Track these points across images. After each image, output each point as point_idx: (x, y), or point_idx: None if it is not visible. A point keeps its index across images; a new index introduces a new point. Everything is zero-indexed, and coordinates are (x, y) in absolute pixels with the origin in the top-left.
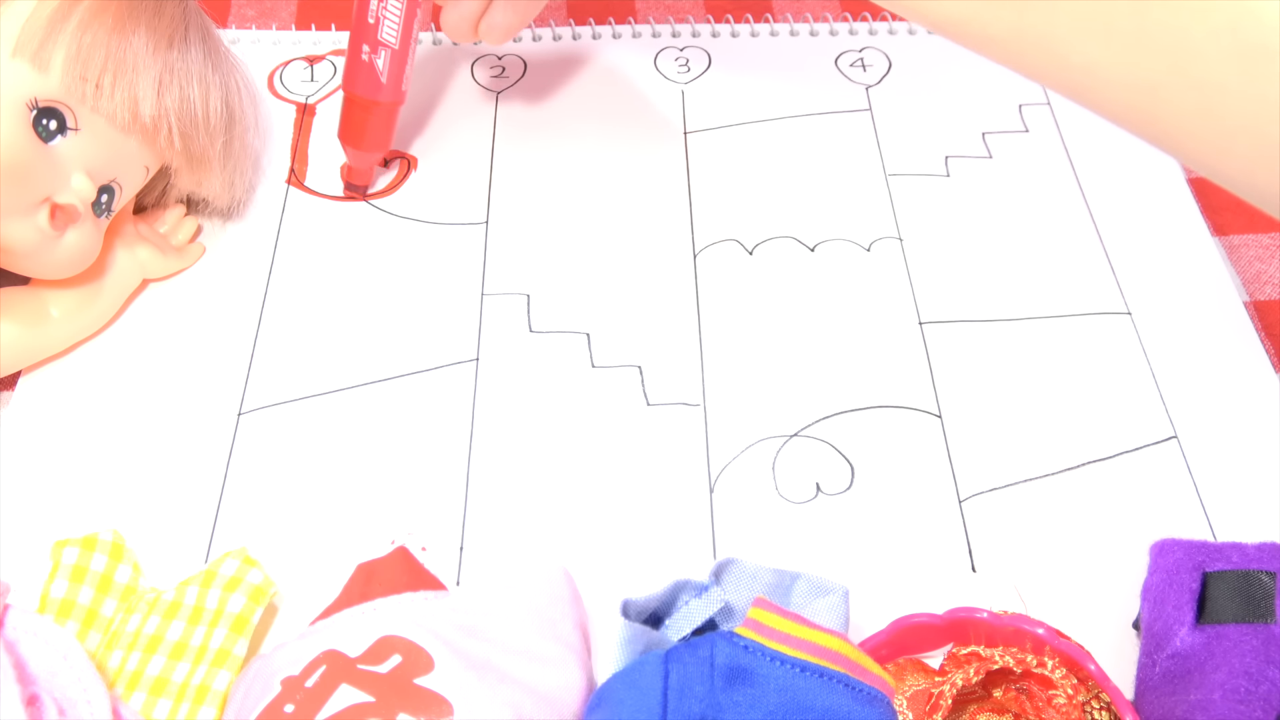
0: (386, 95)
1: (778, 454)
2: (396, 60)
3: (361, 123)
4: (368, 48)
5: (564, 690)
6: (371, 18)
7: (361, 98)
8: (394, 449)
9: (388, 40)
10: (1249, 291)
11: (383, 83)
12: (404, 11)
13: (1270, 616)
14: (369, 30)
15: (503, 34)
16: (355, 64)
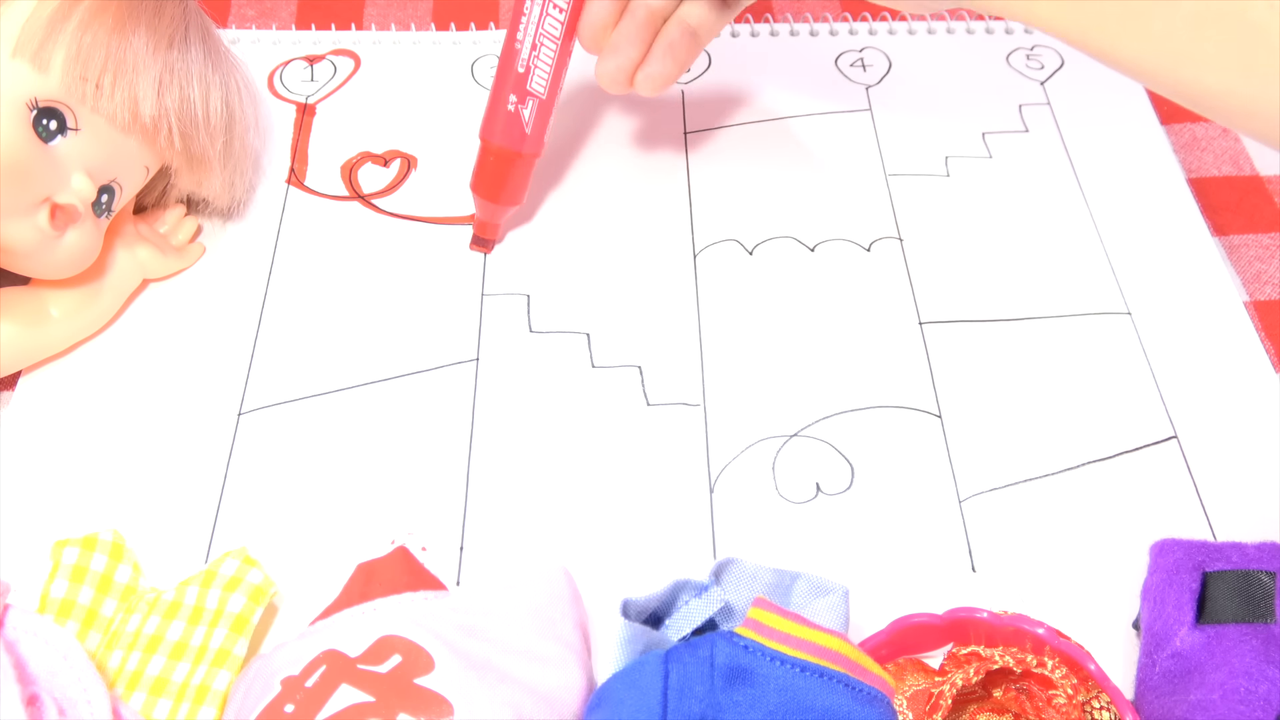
0: (530, 147)
1: (778, 454)
2: (543, 111)
3: (501, 175)
4: (514, 98)
5: (564, 690)
6: (521, 66)
7: (503, 149)
8: (394, 449)
9: (536, 90)
10: (1249, 291)
11: (527, 134)
12: (556, 61)
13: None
14: (517, 79)
15: (662, 85)
16: (498, 113)
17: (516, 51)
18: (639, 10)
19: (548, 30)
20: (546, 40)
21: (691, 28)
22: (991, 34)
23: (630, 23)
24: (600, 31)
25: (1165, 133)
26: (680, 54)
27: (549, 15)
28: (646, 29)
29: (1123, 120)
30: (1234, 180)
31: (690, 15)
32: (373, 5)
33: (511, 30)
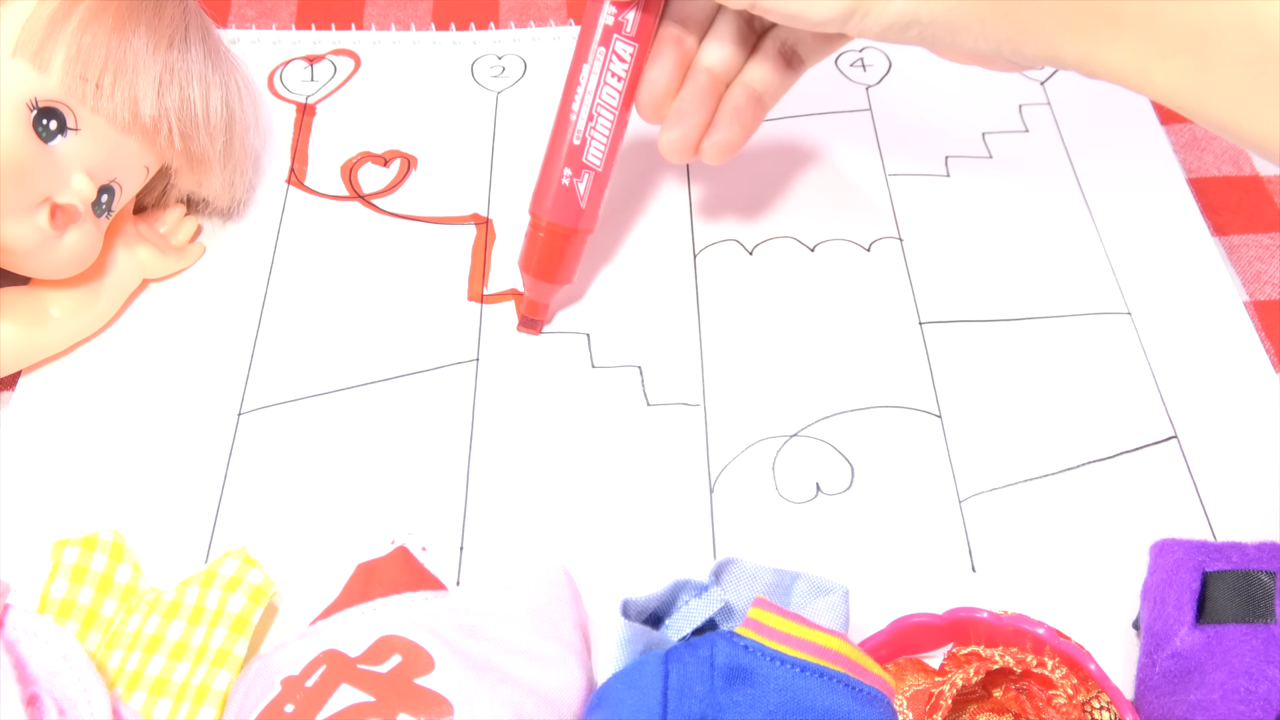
0: (585, 223)
1: (778, 454)
2: (598, 184)
3: (554, 253)
4: (569, 171)
5: (564, 690)
6: (577, 138)
7: (557, 225)
8: (394, 449)
9: (592, 163)
10: (1249, 291)
11: (582, 209)
12: (613, 131)
13: (1270, 616)
14: (572, 151)
15: (730, 153)
16: (550, 188)
17: (571, 122)
18: (701, 76)
19: (605, 100)
20: (603, 110)
21: (757, 92)
22: None
23: (693, 89)
24: (661, 100)
25: (1165, 132)
26: (747, 119)
27: (606, 85)
28: (710, 95)
29: (1123, 120)
30: (1234, 180)
31: (754, 79)
32: (373, 5)
33: (565, 99)
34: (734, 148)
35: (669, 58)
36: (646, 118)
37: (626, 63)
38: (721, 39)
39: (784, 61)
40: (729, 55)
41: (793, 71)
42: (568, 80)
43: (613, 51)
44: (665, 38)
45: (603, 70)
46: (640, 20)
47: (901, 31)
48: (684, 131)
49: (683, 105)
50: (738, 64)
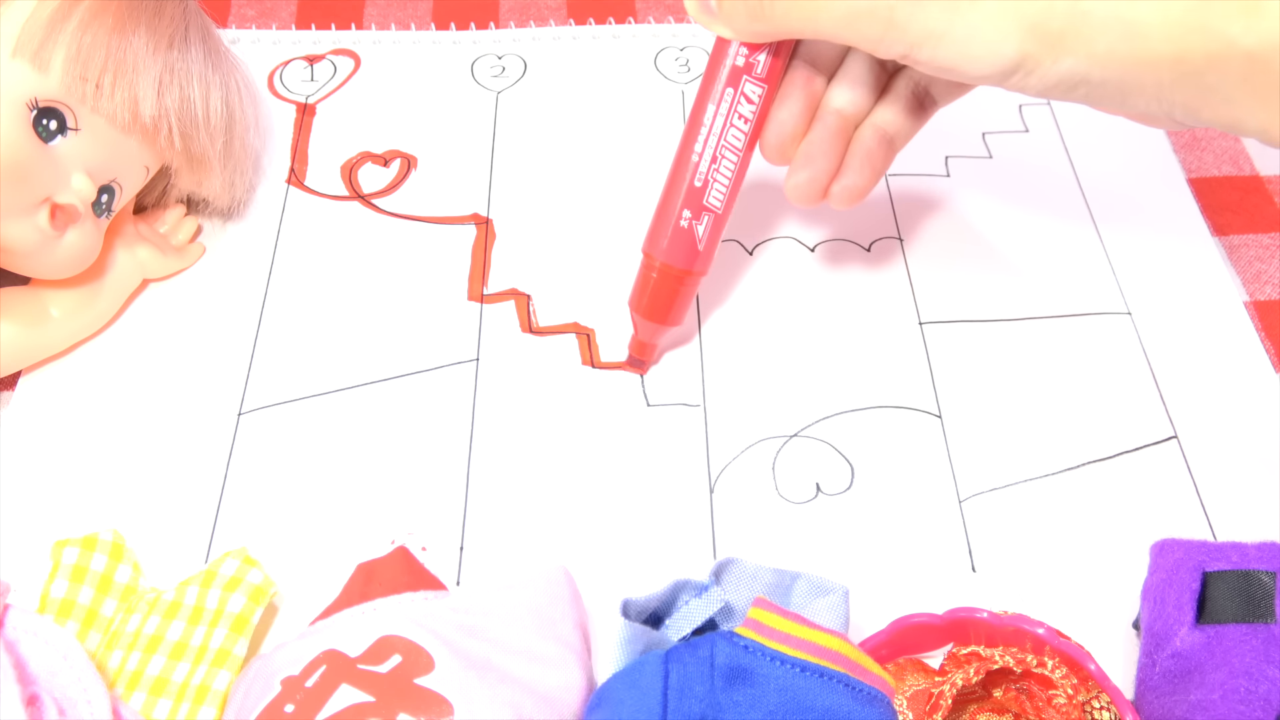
0: (701, 265)
1: (778, 454)
2: (717, 226)
3: (668, 294)
4: (689, 213)
5: (564, 690)
6: (699, 180)
7: (672, 267)
8: (394, 449)
9: (713, 205)
10: (1249, 291)
11: (699, 251)
12: (735, 174)
13: (1270, 616)
14: (692, 193)
15: (858, 198)
16: (666, 229)
17: (694, 164)
18: (830, 118)
19: (729, 142)
20: (728, 152)
21: (888, 135)
22: None
23: (822, 132)
24: (789, 142)
25: (1165, 132)
26: (877, 163)
27: (732, 126)
28: (840, 138)
29: (1123, 120)
30: (1234, 180)
31: (885, 121)
32: (373, 5)
33: (687, 140)
34: (864, 192)
35: (798, 99)
36: (772, 160)
37: (755, 104)
38: (851, 80)
39: (916, 103)
40: (859, 97)
41: (924, 113)
42: (690, 121)
43: (741, 93)
44: (794, 79)
45: (729, 112)
46: (771, 62)
47: (1066, 90)
48: (812, 175)
49: (811, 148)
50: (868, 106)
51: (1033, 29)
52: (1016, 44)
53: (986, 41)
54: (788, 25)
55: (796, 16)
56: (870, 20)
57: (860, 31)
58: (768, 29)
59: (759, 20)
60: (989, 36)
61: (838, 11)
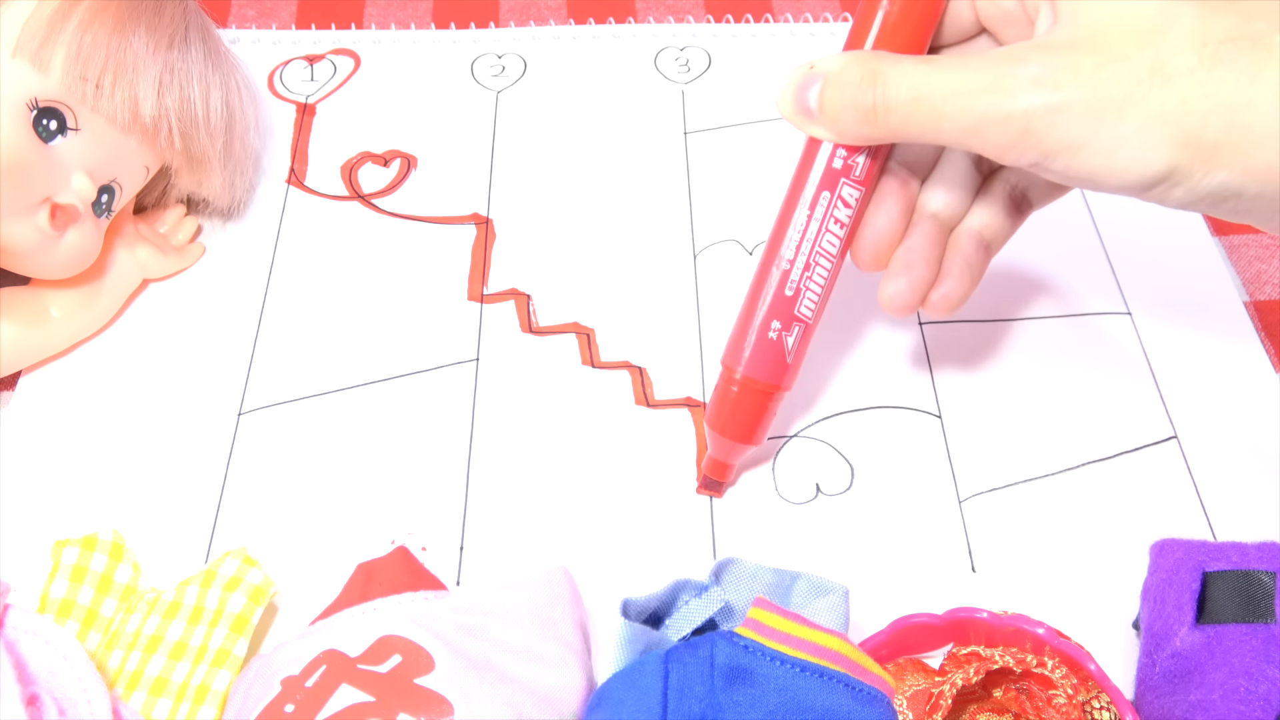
0: (789, 381)
1: (778, 454)
2: (806, 337)
3: (753, 411)
4: (778, 324)
5: (564, 690)
6: (790, 289)
7: (757, 382)
8: (394, 449)
9: (804, 315)
10: (1249, 291)
11: (788, 364)
12: (829, 280)
13: (1270, 616)
14: (782, 303)
15: (956, 306)
16: (749, 339)
17: (785, 271)
18: (926, 223)
19: (824, 248)
20: (822, 259)
21: (985, 239)
22: None
23: (919, 238)
24: (885, 249)
25: None
26: (976, 269)
27: (828, 231)
28: (937, 244)
29: None
30: None
31: (982, 225)
32: (373, 5)
33: (774, 245)
34: (963, 301)
35: (893, 203)
36: (865, 267)
37: (851, 208)
38: (948, 183)
39: (1013, 205)
40: (956, 200)
41: (1021, 215)
42: (777, 225)
43: (838, 196)
44: (889, 182)
45: (825, 216)
46: (870, 165)
47: (1214, 204)
48: (911, 283)
49: (910, 255)
50: (964, 209)
51: (1186, 142)
52: (1166, 156)
53: (1133, 153)
54: (903, 131)
55: (915, 123)
56: (1002, 129)
57: (987, 139)
58: (879, 134)
59: (870, 125)
60: (1136, 148)
61: (964, 119)
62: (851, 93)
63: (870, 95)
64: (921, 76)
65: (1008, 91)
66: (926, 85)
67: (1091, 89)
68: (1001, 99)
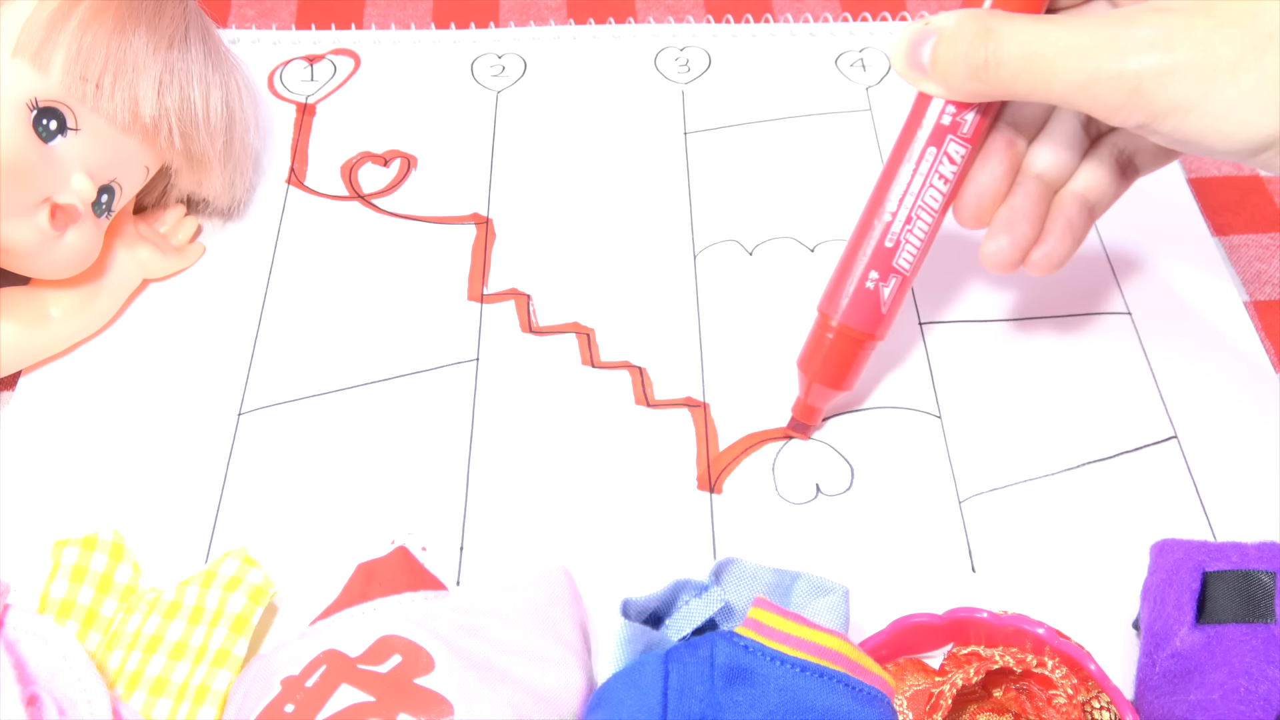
0: (883, 331)
1: (778, 455)
2: (902, 289)
3: (845, 358)
4: (875, 274)
5: (564, 690)
6: (891, 240)
7: (852, 330)
8: (394, 449)
9: (902, 267)
10: (1249, 291)
11: (883, 314)
12: (929, 234)
13: (1270, 616)
14: (881, 254)
15: (1058, 266)
16: (848, 288)
17: (887, 224)
18: (1030, 183)
19: (926, 203)
20: (923, 213)
21: (1089, 201)
22: None
23: (1023, 198)
24: (989, 206)
25: None
26: (1078, 230)
27: (931, 187)
28: (1041, 203)
29: None
30: (1234, 180)
31: (1086, 187)
32: (373, 5)
33: (878, 197)
34: (1064, 261)
35: (999, 161)
36: (967, 224)
37: (956, 165)
38: (1055, 143)
39: (1119, 170)
40: (1062, 161)
41: (1126, 180)
42: (883, 177)
43: (944, 153)
44: (996, 139)
45: (930, 171)
46: (978, 121)
47: None
48: (1013, 241)
49: (1012, 214)
50: (1069, 170)
51: None
52: (1277, 121)
53: (1243, 117)
54: (1014, 88)
55: (1026, 79)
56: (1113, 88)
57: (1097, 98)
58: (989, 90)
59: (980, 80)
60: (1246, 112)
61: (1075, 76)
62: (964, 48)
63: (983, 50)
64: (1035, 33)
65: (1120, 51)
66: (1040, 42)
67: (1203, 51)
68: (1113, 58)
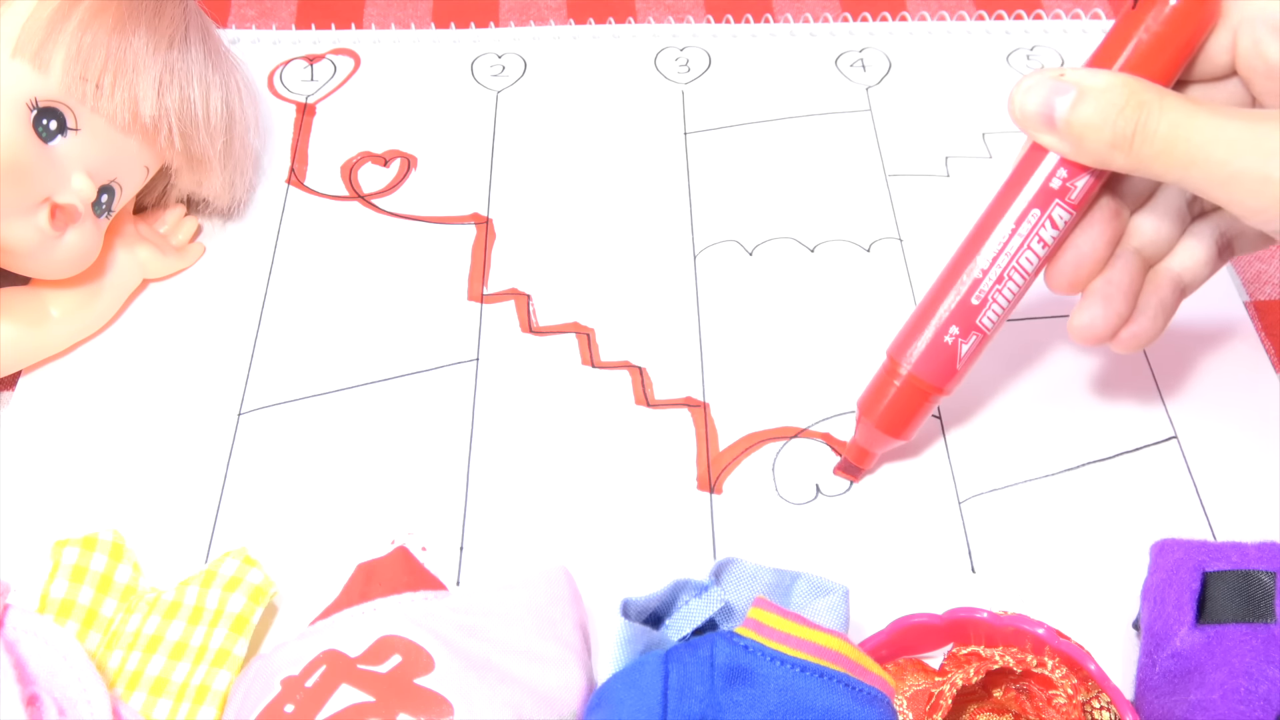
0: (953, 386)
1: (778, 455)
2: (980, 347)
3: (909, 408)
4: (956, 329)
5: (564, 690)
6: (978, 298)
7: (923, 382)
8: (394, 449)
9: (985, 326)
10: (1249, 291)
11: (956, 370)
12: (1017, 295)
13: (1270, 616)
14: (966, 310)
15: (1144, 345)
16: (924, 338)
17: (976, 280)
18: (1130, 257)
19: (1021, 264)
20: (1016, 274)
21: (1184, 283)
22: (991, 34)
23: (1121, 271)
24: (1086, 275)
25: None
26: (1169, 312)
27: (1029, 249)
28: (1137, 278)
29: None
30: None
31: (1184, 267)
32: (373, 5)
33: (969, 250)
34: (1152, 341)
35: (1101, 231)
36: (1060, 290)
37: (1058, 230)
38: (1159, 217)
39: (1218, 250)
40: (1163, 236)
41: (1221, 260)
42: (977, 231)
43: (1049, 216)
44: (1101, 209)
45: (1030, 234)
46: (1089, 188)
47: None
48: (1105, 315)
49: (1109, 288)
50: (1169, 246)
51: None
52: None
53: None
54: (1152, 166)
55: (1165, 161)
56: (1256, 190)
57: (1237, 198)
58: (1125, 163)
59: (1121, 152)
60: None
61: (1218, 172)
62: (1113, 114)
63: (1133, 122)
64: (1184, 115)
65: (1272, 153)
66: (1189, 126)
67: None
68: (1264, 160)
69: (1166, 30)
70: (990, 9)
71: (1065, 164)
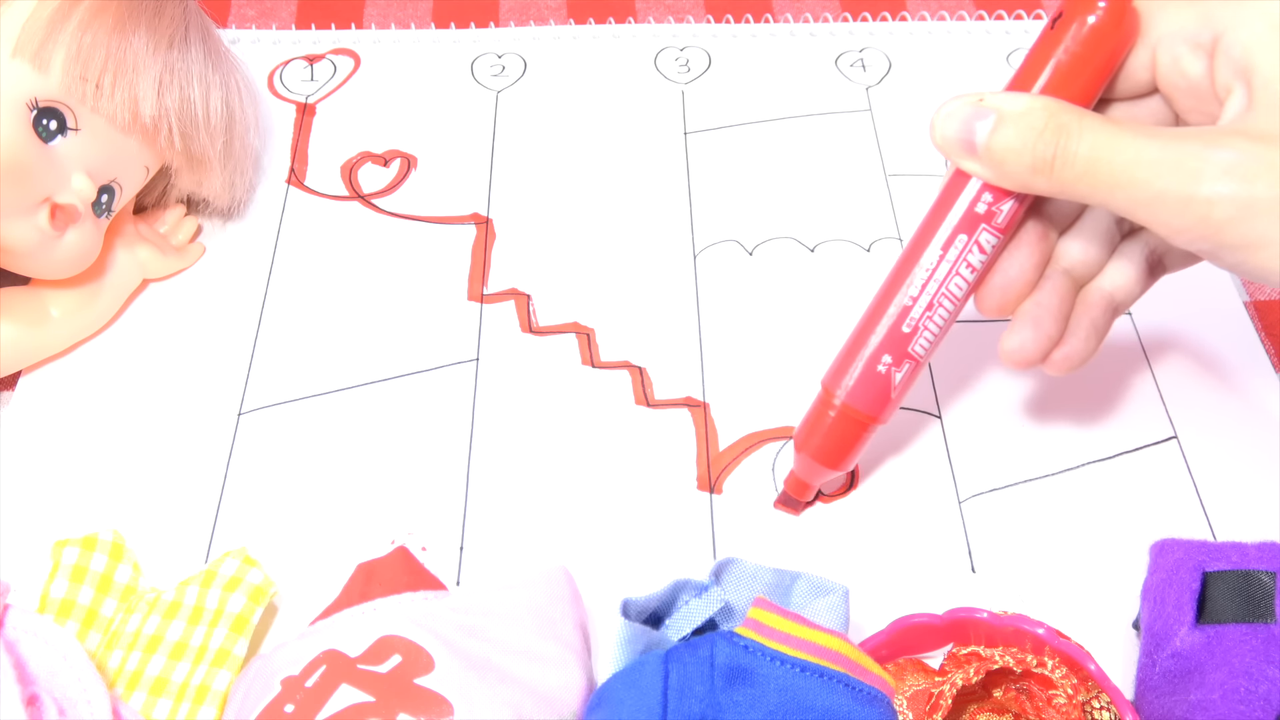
0: (887, 415)
1: (778, 455)
2: (913, 375)
3: (845, 439)
4: (889, 358)
5: (564, 690)
6: (909, 326)
7: (857, 413)
8: (394, 449)
9: (917, 353)
10: (1249, 291)
11: (890, 399)
12: (948, 322)
13: (1270, 616)
14: (897, 338)
15: (1078, 366)
16: (856, 368)
17: (905, 308)
18: (1058, 279)
19: (950, 290)
20: (945, 301)
21: (1115, 302)
22: (991, 34)
23: (1050, 293)
24: (1014, 298)
25: None
26: (1101, 332)
27: (958, 275)
28: (1067, 300)
29: None
30: None
31: (1114, 286)
32: (373, 5)
33: (898, 279)
34: (1085, 362)
35: (1029, 254)
36: (989, 313)
37: (986, 255)
38: (1087, 239)
39: (1148, 268)
40: (1092, 257)
41: (1152, 278)
42: (904, 260)
43: (975, 241)
44: (1028, 231)
45: (958, 259)
46: (1014, 212)
47: None
48: (1035, 338)
49: (1038, 310)
50: (1098, 266)
51: None
52: None
53: None
54: (1074, 189)
55: (1088, 184)
56: (1179, 211)
57: (1160, 218)
58: (1046, 186)
59: (1042, 176)
60: None
61: (1141, 193)
62: (1033, 138)
63: (1052, 146)
64: (1105, 137)
65: (1193, 174)
66: (1109, 148)
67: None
68: (1185, 180)
69: (1085, 50)
70: (990, 9)
71: (990, 188)
